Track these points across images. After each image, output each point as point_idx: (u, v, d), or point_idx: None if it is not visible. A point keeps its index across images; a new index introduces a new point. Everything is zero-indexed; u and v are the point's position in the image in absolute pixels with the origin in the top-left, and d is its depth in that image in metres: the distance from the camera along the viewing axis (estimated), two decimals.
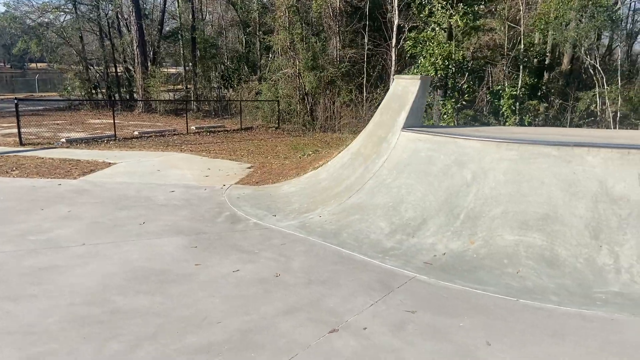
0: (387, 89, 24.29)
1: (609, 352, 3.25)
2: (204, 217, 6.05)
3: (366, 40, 23.36)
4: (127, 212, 6.14)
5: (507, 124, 16.49)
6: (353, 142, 7.57)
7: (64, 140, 12.92)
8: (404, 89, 6.83)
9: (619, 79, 16.98)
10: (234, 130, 18.66)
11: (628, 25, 28.15)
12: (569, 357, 3.19)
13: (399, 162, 6.25)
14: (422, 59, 17.11)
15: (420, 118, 6.89)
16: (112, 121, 15.57)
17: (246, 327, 3.47)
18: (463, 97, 17.10)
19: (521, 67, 17.23)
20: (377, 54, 24.00)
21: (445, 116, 17.27)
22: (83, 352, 3.11)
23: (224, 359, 3.09)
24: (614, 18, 16.14)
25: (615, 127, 16.37)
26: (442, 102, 17.35)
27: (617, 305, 3.89)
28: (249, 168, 9.17)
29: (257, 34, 26.48)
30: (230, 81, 26.68)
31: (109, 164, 9.10)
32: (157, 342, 3.26)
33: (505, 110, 16.58)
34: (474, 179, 5.53)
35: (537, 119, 16.96)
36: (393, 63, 21.44)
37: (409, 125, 6.61)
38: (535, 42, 18.94)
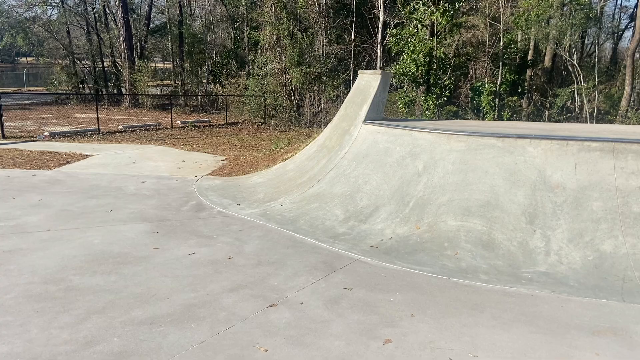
0: None
1: (520, 322, 3.56)
2: (170, 205, 6.31)
3: (353, 37, 23.60)
4: (97, 200, 6.38)
5: (486, 119, 16.82)
6: (320, 134, 7.84)
7: (47, 133, 13.10)
8: (366, 83, 7.10)
9: (596, 75, 17.35)
10: (219, 125, 18.87)
11: (614, 23, 28.58)
12: (483, 326, 3.50)
13: (358, 153, 6.53)
14: (404, 56, 17.39)
15: (382, 111, 7.17)
16: (98, 115, 15.77)
17: (191, 303, 3.74)
18: (444, 94, 17.40)
19: (501, 64, 17.54)
20: (364, 50, 24.27)
21: (427, 112, 17.56)
22: (34, 324, 3.37)
23: (165, 329, 3.36)
24: (590, 16, 16.48)
25: (592, 123, 16.74)
26: (424, 98, 17.65)
27: (540, 284, 4.20)
28: (223, 160, 9.43)
29: (245, 29, 26.61)
30: (218, 76, 26.83)
31: (86, 156, 9.32)
32: (105, 315, 3.52)
33: (485, 106, 16.91)
34: (425, 169, 5.82)
35: (515, 115, 17.30)
36: (378, 59, 21.72)
37: (370, 119, 6.88)
38: (519, 39, 19.26)
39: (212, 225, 5.55)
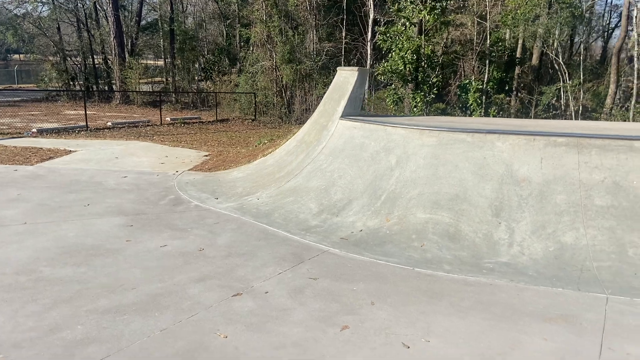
0: None
1: (476, 309, 3.68)
2: (148, 200, 6.39)
3: (344, 34, 23.67)
4: (75, 195, 6.46)
5: (473, 116, 16.97)
6: (300, 130, 7.94)
7: (34, 130, 13.12)
8: (344, 79, 7.20)
9: (582, 73, 17.53)
10: (209, 122, 18.91)
11: (604, 21, 28.77)
12: (439, 313, 3.61)
13: (335, 148, 6.63)
14: (392, 53, 17.50)
15: (359, 107, 7.27)
16: (87, 112, 15.80)
17: (157, 292, 3.84)
18: (432, 91, 17.53)
19: (487, 61, 17.69)
20: (355, 47, 24.33)
21: (415, 109, 17.69)
22: (2, 312, 3.45)
23: (129, 317, 3.46)
24: (576, 14, 16.64)
25: (576, 120, 16.92)
26: (412, 96, 17.77)
27: (500, 273, 4.32)
28: (206, 156, 9.51)
29: (236, 26, 26.63)
30: (210, 73, 26.85)
31: (69, 152, 9.37)
32: (71, 304, 3.61)
33: (472, 104, 17.06)
34: (397, 163, 5.93)
35: (502, 113, 17.46)
36: (369, 57, 21.82)
37: (347, 114, 6.98)
38: (507, 38, 19.41)
39: (187, 219, 5.64)
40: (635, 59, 15.45)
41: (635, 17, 15.71)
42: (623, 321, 3.53)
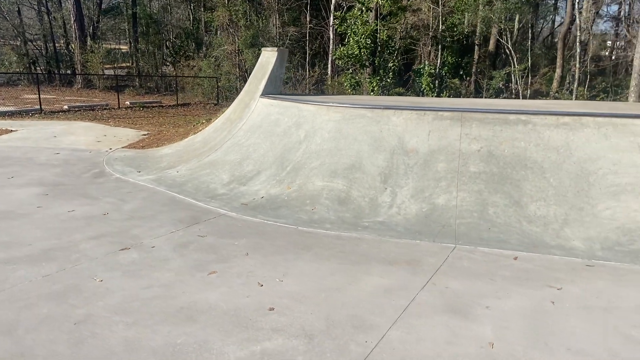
0: (325, 67, 24.78)
1: (336, 257, 4.16)
2: (73, 173, 6.72)
3: (308, 19, 23.88)
4: (3, 169, 6.73)
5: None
6: (228, 109, 8.31)
7: None
8: (266, 59, 7.58)
9: (529, 57, 18.22)
10: (169, 106, 19.04)
11: (552, 8, 29.51)
12: (302, 260, 4.09)
13: (253, 124, 7.04)
14: (349, 38, 17.87)
15: (280, 86, 7.68)
16: (47, 96, 15.82)
17: (50, 248, 4.22)
18: (388, 75, 18.00)
19: (440, 46, 18.21)
20: (319, 32, 24.58)
21: (372, 93, 18.14)
22: None
23: (17, 267, 3.84)
24: (524, 0, 17.24)
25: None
26: (369, 80, 18.21)
27: (372, 230, 4.83)
28: (144, 135, 9.81)
29: (201, 9, 26.54)
30: (176, 58, 26.77)
31: (10, 131, 9.56)
32: None
33: (425, 88, 17.60)
34: (305, 137, 6.38)
35: (450, 96, 18.04)
36: (331, 42, 22.15)
37: (268, 92, 7.39)
38: (465, 23, 19.91)
39: (103, 189, 6.00)
40: (577, 45, 16.17)
41: (577, 3, 16.40)
42: (457, 264, 4.08)
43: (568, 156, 5.20)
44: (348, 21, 17.87)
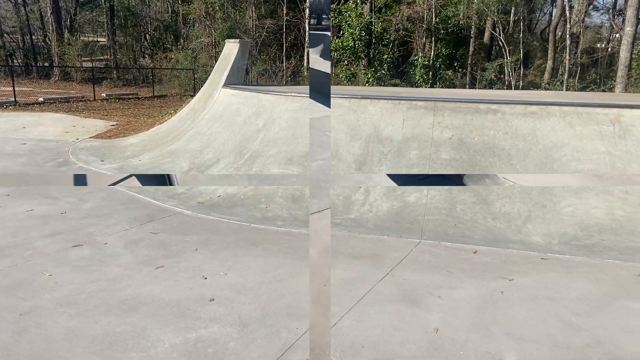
0: (302, 59, 24.90)
1: (284, 252, 4.26)
2: (36, 162, 6.84)
3: (285, 11, 23.92)
4: None
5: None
6: (193, 99, 8.48)
7: None
8: (229, 51, 7.75)
9: (521, 49, 18.43)
10: (145, 97, 19.02)
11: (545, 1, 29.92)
12: (250, 256, 4.16)
13: (215, 114, 7.23)
14: (344, 30, 17.93)
15: (242, 77, 7.86)
16: (23, 88, 15.70)
17: (5, 245, 4.27)
18: (382, 67, 18.02)
19: (433, 38, 18.33)
20: (296, 25, 24.64)
21: (367, 84, 18.19)
22: None
23: None
24: None
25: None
26: (364, 72, 18.29)
27: (342, 226, 4.94)
28: (113, 126, 9.93)
29: (178, 2, 26.40)
30: (154, 50, 26.62)
31: None
32: None
33: (419, 79, 17.70)
34: (264, 126, 6.59)
35: (443, 87, 18.28)
36: (307, 34, 22.24)
37: (230, 83, 7.57)
38: (460, 15, 19.89)
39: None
40: (567, 37, 16.44)
41: None
42: (419, 258, 4.20)
43: (534, 144, 5.37)
44: (343, 14, 17.89)
